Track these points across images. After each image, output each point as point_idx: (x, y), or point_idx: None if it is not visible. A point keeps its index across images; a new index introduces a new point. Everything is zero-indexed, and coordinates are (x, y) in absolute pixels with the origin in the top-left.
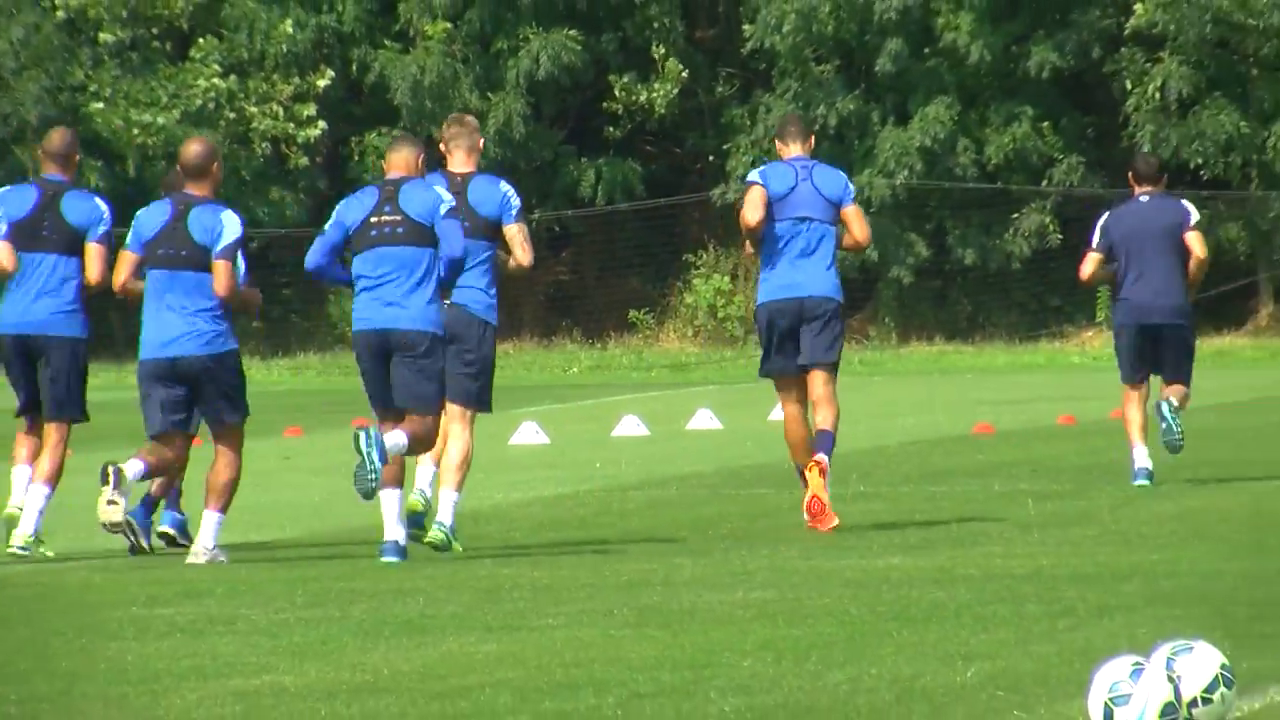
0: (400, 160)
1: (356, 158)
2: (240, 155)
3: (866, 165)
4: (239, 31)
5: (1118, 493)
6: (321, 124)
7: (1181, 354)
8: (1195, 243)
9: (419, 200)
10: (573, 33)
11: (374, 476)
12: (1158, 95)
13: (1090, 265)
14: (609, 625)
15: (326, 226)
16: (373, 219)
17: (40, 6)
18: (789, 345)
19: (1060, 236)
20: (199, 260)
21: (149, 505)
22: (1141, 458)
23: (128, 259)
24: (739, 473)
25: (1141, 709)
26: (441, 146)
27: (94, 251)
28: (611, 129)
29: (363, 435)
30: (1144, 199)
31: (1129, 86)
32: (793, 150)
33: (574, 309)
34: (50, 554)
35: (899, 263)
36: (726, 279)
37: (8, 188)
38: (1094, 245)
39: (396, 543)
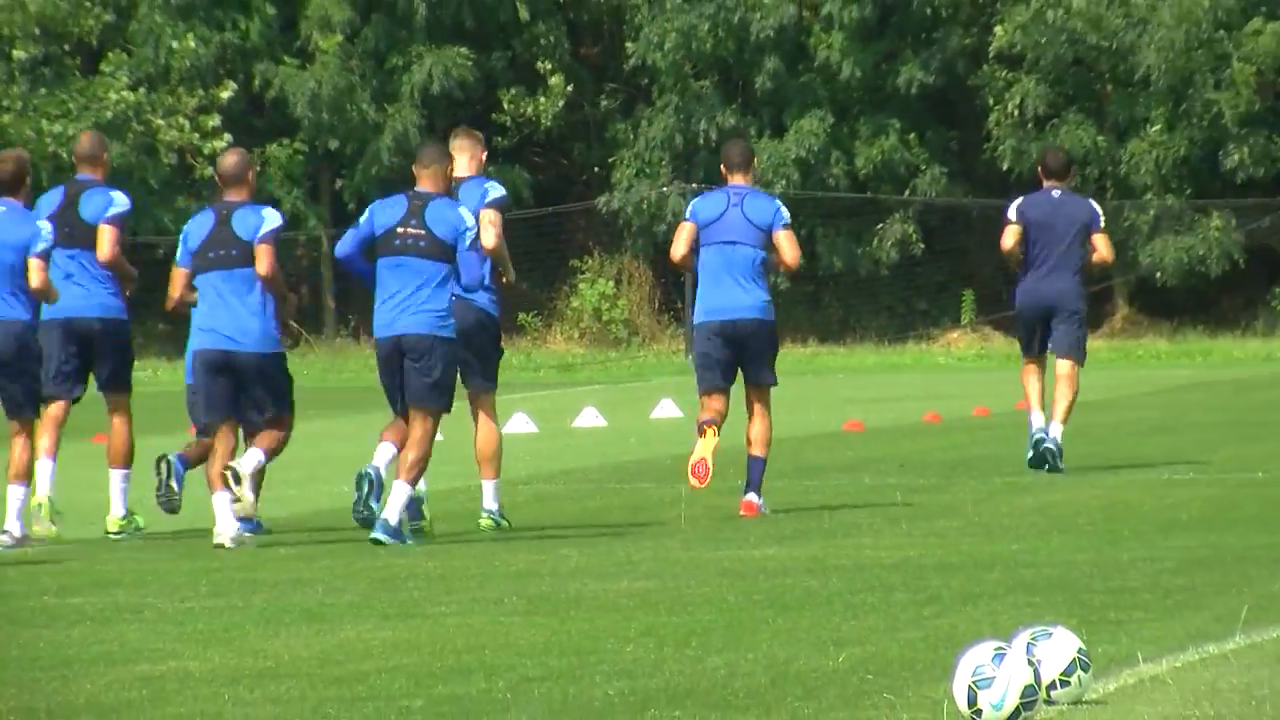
0: (428, 176)
1: (259, 168)
2: (147, 165)
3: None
4: (145, 46)
5: (981, 487)
6: (227, 136)
7: (1072, 330)
8: (1103, 244)
9: (444, 220)
10: (463, 50)
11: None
12: (1017, 111)
13: (1011, 237)
14: (499, 613)
15: (360, 221)
16: (399, 229)
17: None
18: (721, 367)
19: (923, 245)
20: (250, 258)
21: None
22: (1037, 420)
23: (181, 274)
24: (623, 468)
25: (1004, 691)
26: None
27: (105, 233)
28: (500, 140)
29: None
30: (1055, 194)
31: (990, 103)
32: (734, 179)
33: None
34: (143, 522)
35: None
36: (611, 284)
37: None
38: (1012, 219)
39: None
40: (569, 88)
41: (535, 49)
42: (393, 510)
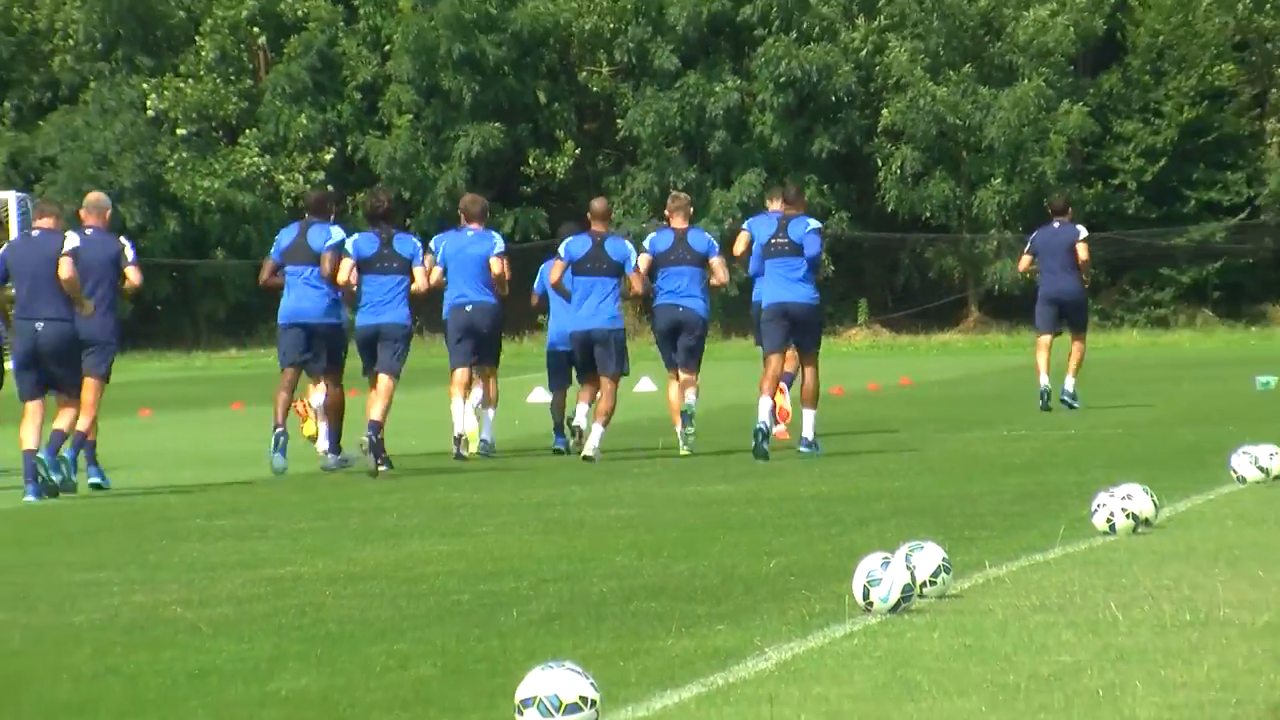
0: (600, 221)
1: (350, 210)
2: (271, 209)
3: (702, 216)
4: (269, 123)
5: (872, 440)
6: (329, 187)
7: (1079, 318)
8: (1082, 250)
9: (617, 250)
10: (498, 124)
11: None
12: (899, 170)
13: (1025, 262)
14: (524, 533)
15: (560, 254)
16: (587, 258)
17: (134, 108)
18: (669, 346)
19: (832, 267)
20: (318, 258)
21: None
22: (1044, 381)
23: (270, 264)
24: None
25: (889, 589)
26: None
27: (325, 259)
28: (525, 188)
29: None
30: (1056, 225)
31: (879, 164)
32: (676, 222)
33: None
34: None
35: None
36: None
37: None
38: (1027, 250)
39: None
40: (576, 151)
41: (551, 122)
42: (594, 442)
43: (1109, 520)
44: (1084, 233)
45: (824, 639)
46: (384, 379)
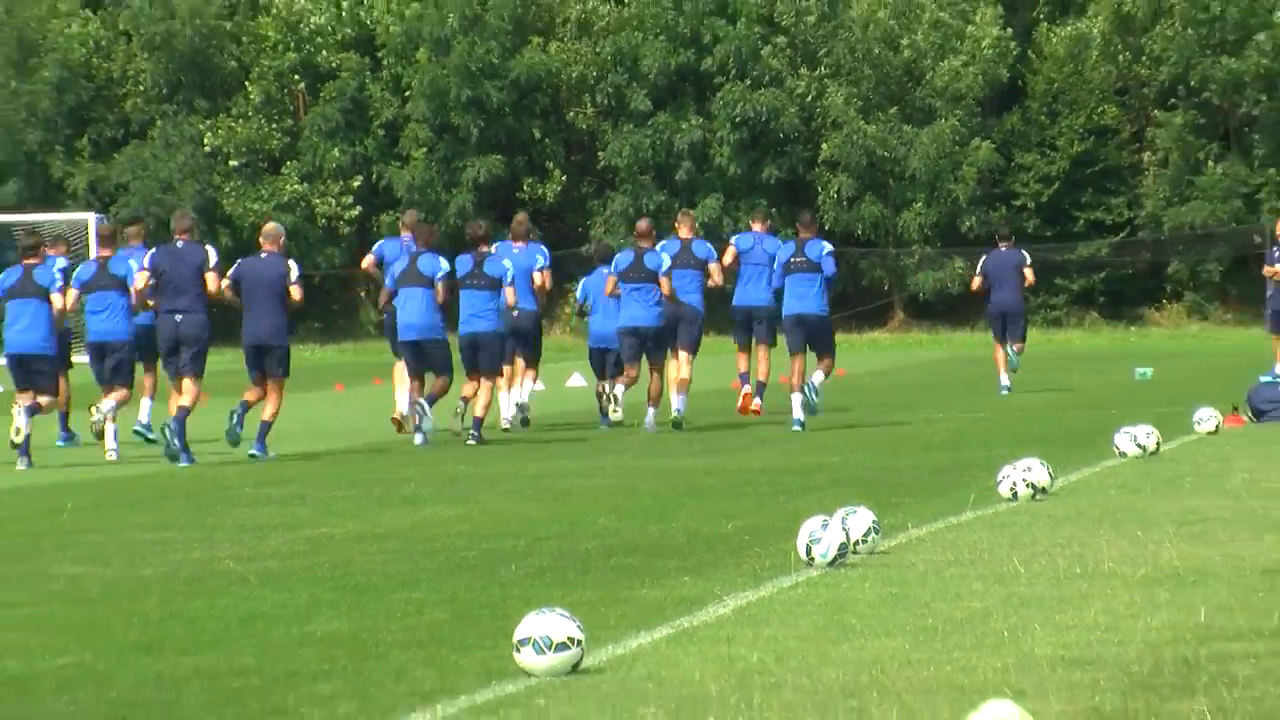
0: (646, 237)
1: (375, 229)
2: (308, 229)
3: (668, 233)
4: (307, 155)
5: (812, 422)
6: (358, 208)
7: (1019, 327)
8: (1029, 272)
9: (654, 260)
10: (499, 156)
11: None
12: (836, 194)
13: (976, 282)
14: (521, 500)
15: (614, 266)
16: (630, 268)
17: (193, 143)
18: (630, 345)
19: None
20: (427, 282)
21: None
22: (1004, 380)
23: (386, 292)
24: (589, 412)
25: (827, 547)
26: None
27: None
28: (523, 204)
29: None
30: (1002, 249)
31: (820, 190)
32: (682, 232)
33: None
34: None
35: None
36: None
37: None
38: (979, 272)
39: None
40: (564, 179)
41: (543, 155)
42: (680, 407)
43: (1012, 489)
44: (1029, 258)
45: (773, 589)
46: (485, 382)
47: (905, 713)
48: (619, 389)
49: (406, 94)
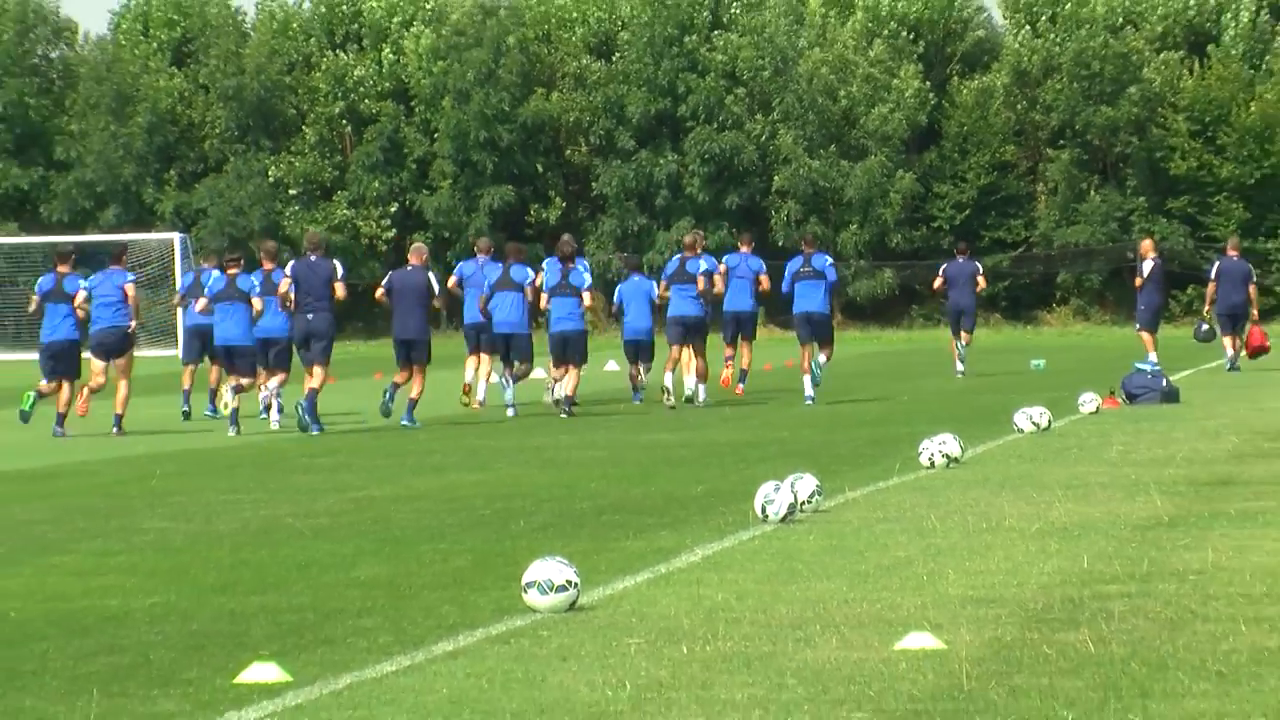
0: (691, 247)
1: (407, 246)
2: (355, 246)
3: (649, 250)
4: (354, 185)
5: (763, 404)
6: (394, 229)
7: (970, 321)
8: (981, 279)
9: (696, 265)
10: (510, 186)
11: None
12: (786, 218)
13: (938, 283)
14: (526, 468)
15: (667, 270)
16: (675, 274)
17: (260, 175)
18: (676, 331)
19: None
20: (518, 287)
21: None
22: (959, 366)
23: (484, 297)
24: (590, 395)
25: (780, 506)
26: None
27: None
28: (528, 231)
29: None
30: (960, 260)
31: (772, 214)
32: (688, 254)
33: None
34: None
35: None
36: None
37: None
38: (940, 276)
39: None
40: (563, 205)
41: (546, 185)
42: (700, 394)
43: (930, 459)
44: (980, 268)
45: (735, 540)
46: (573, 370)
47: (843, 642)
48: (668, 378)
49: (434, 135)
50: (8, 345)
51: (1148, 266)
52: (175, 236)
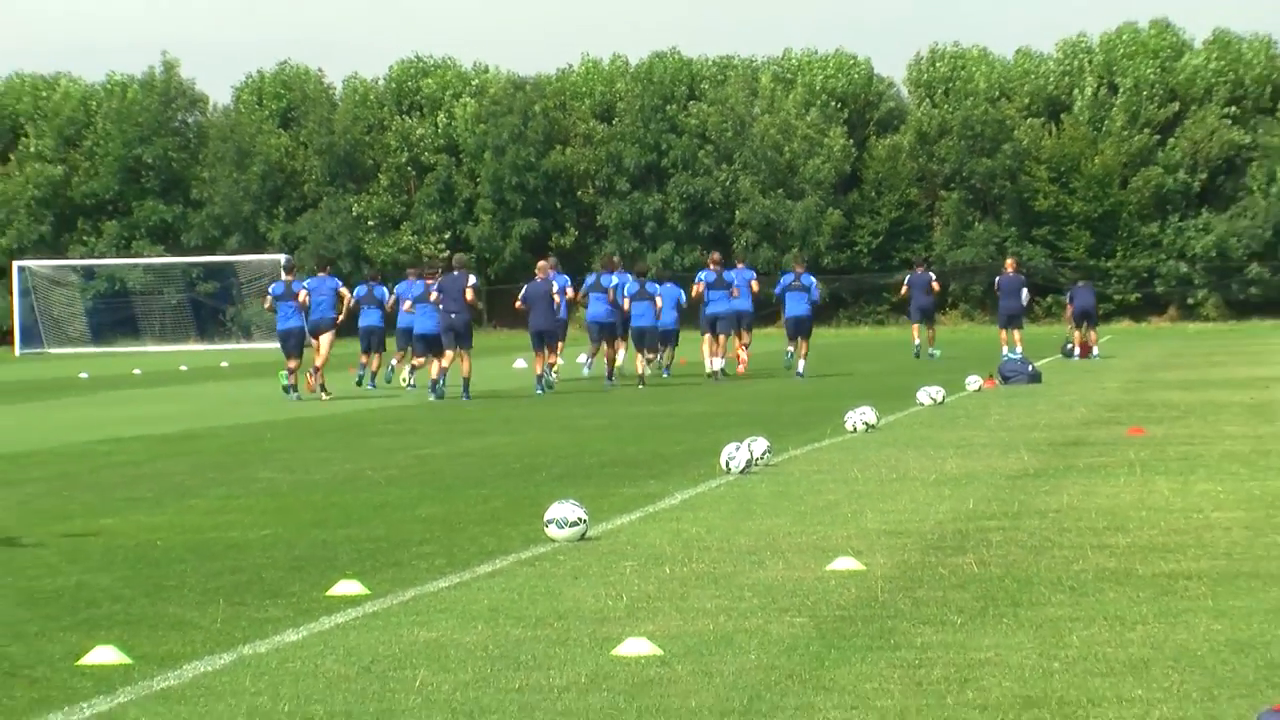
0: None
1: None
2: (416, 263)
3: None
4: (418, 219)
5: (729, 387)
6: (447, 251)
7: (931, 319)
8: (935, 285)
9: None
10: (535, 219)
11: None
12: (744, 244)
13: (904, 290)
14: (548, 432)
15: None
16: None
17: (346, 211)
18: (711, 326)
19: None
20: (604, 290)
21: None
22: (933, 352)
23: (584, 296)
24: (596, 378)
25: (740, 461)
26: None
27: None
28: (551, 249)
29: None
30: (919, 271)
31: (734, 240)
32: (712, 266)
33: None
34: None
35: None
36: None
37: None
38: (906, 283)
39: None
40: (575, 233)
41: (563, 218)
42: (716, 365)
43: (853, 425)
44: (934, 277)
45: (705, 488)
46: (650, 355)
47: (787, 564)
48: (715, 362)
49: (477, 180)
50: (155, 338)
51: (1006, 281)
52: (281, 257)
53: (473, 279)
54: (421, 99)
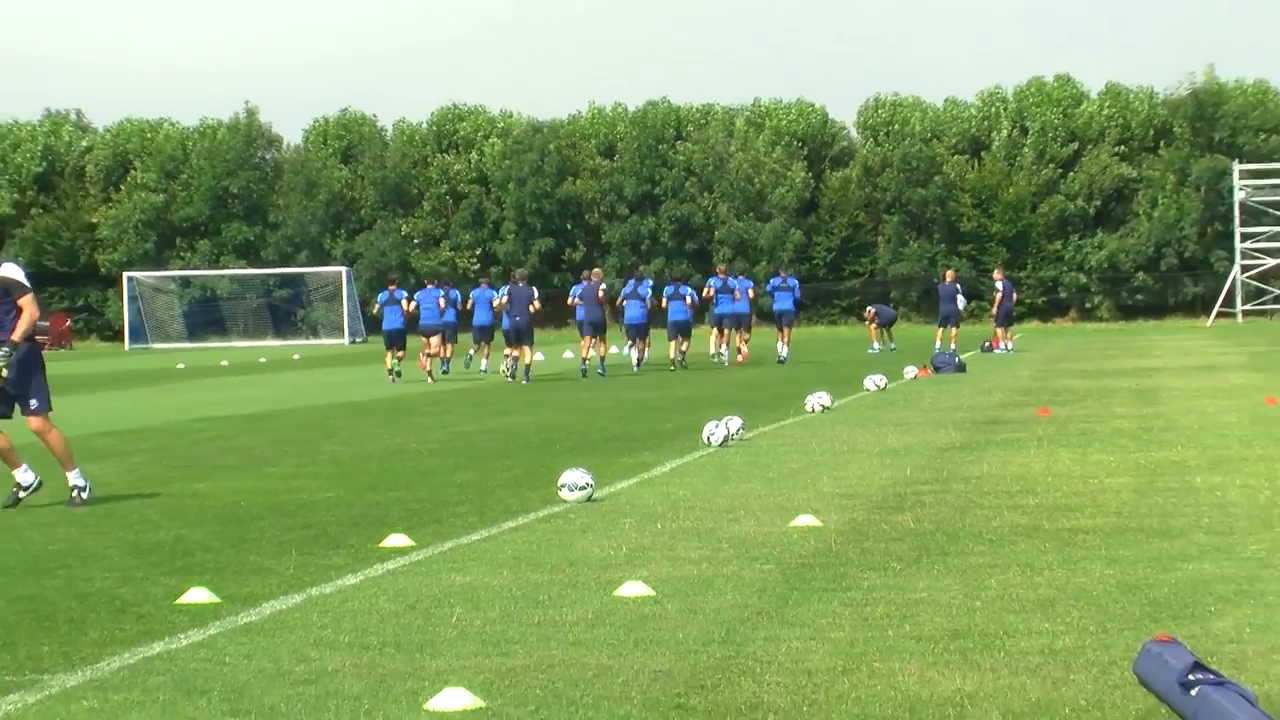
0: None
1: (487, 276)
2: (453, 275)
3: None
4: (456, 237)
5: (708, 375)
6: (478, 264)
7: (890, 322)
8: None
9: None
10: (550, 238)
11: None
12: (723, 257)
13: (869, 312)
14: (559, 412)
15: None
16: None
17: (395, 232)
18: (718, 323)
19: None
20: (642, 298)
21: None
22: (891, 345)
23: (620, 300)
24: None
25: (718, 436)
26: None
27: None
28: (564, 263)
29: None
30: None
31: (714, 255)
32: (719, 273)
33: None
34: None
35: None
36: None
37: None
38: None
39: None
40: (584, 249)
41: (574, 237)
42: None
43: (812, 407)
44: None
45: (690, 459)
46: (678, 342)
47: (757, 521)
48: (712, 346)
49: (503, 206)
50: (239, 336)
51: (945, 288)
52: (343, 270)
53: (536, 292)
54: (458, 139)
